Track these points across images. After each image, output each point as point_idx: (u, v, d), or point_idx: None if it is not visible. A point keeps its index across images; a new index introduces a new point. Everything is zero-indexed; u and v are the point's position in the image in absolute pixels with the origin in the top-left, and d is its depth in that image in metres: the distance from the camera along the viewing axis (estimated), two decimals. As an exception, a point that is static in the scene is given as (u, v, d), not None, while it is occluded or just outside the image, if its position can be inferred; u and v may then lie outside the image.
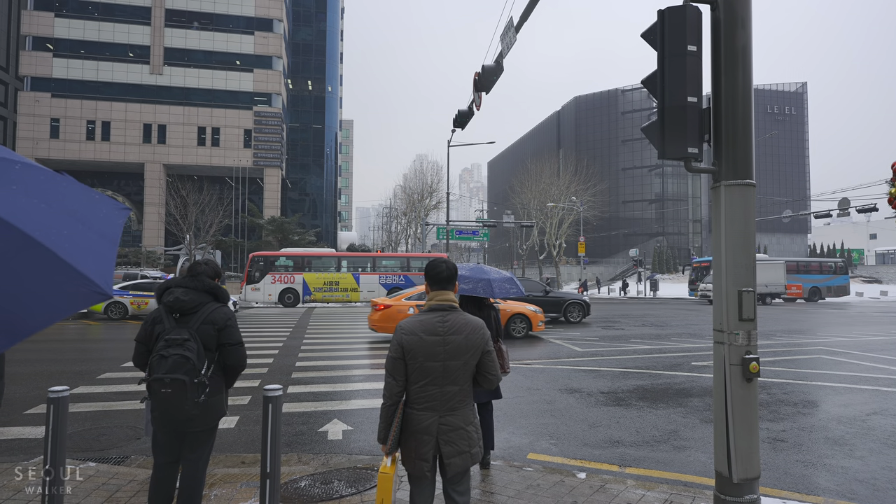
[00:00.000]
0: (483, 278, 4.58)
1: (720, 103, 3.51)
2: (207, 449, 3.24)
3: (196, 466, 3.17)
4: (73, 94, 51.26)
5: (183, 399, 2.88)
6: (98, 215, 1.45)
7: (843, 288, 37.18)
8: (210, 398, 3.05)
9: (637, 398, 7.39)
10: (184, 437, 3.13)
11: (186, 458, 3.16)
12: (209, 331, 3.05)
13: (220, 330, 3.10)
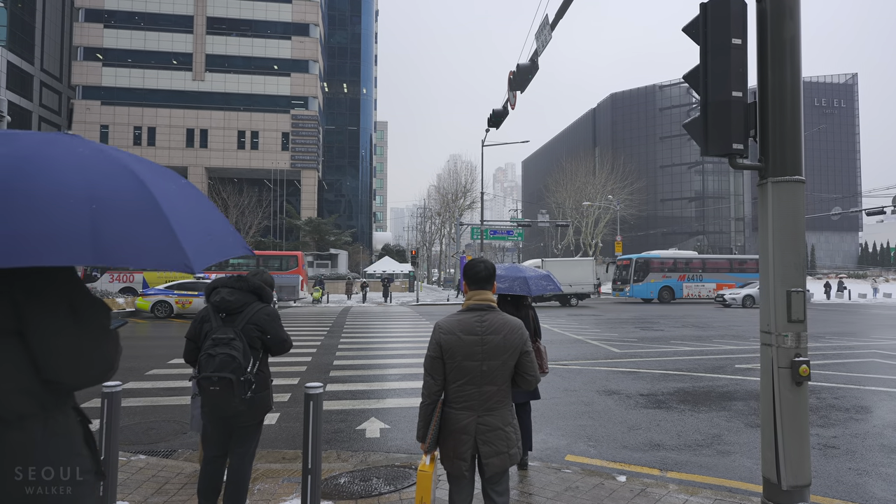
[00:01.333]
0: (519, 276, 4.55)
1: (767, 98, 3.39)
2: (254, 443, 3.35)
3: (243, 460, 3.28)
4: (121, 102, 53.41)
5: (230, 396, 2.99)
6: (220, 225, 1.55)
7: None
8: (256, 394, 3.16)
9: (678, 401, 7.22)
10: (231, 431, 3.23)
11: (234, 452, 3.28)
12: (253, 330, 3.16)
13: (263, 330, 3.20)
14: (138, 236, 1.26)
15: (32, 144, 1.31)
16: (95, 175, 1.29)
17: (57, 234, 1.16)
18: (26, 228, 1.14)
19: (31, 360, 1.36)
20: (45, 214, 1.17)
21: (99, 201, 1.22)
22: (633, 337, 14.41)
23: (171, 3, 55.01)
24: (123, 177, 1.33)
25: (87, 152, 1.36)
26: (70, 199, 1.20)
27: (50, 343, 1.36)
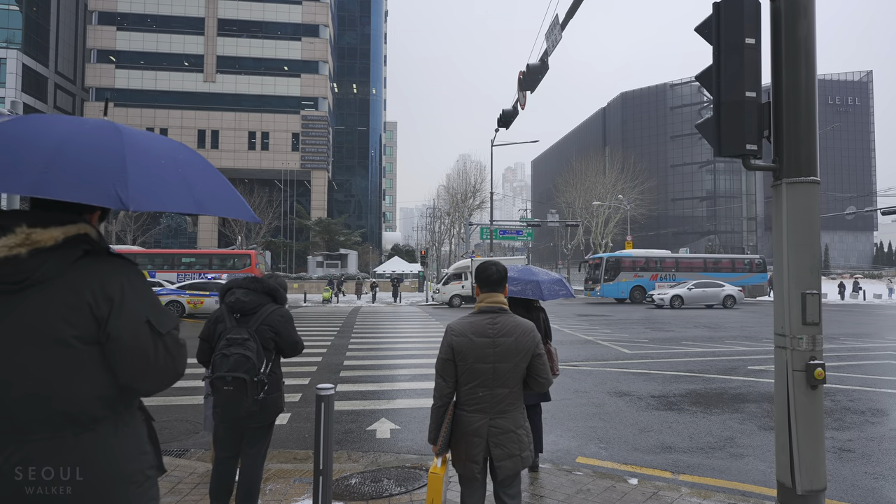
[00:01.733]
0: (532, 280, 4.54)
1: (781, 97, 3.35)
2: (265, 444, 3.37)
3: (255, 460, 3.30)
4: (133, 104, 53.97)
5: (243, 396, 3.02)
6: (208, 185, 1.59)
7: (760, 288, 33.44)
8: (268, 395, 3.19)
9: (690, 403, 7.16)
10: (243, 432, 3.25)
11: (246, 453, 3.30)
12: (267, 331, 3.18)
13: (277, 333, 3.22)
14: (88, 165, 1.33)
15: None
16: (77, 128, 1.41)
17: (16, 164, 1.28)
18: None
19: (107, 367, 1.49)
20: (12, 152, 1.30)
21: (66, 145, 1.34)
22: (643, 338, 14.32)
23: (182, 5, 55.50)
24: (105, 130, 1.43)
25: (95, 122, 1.48)
26: (39, 141, 1.32)
27: (129, 356, 1.49)
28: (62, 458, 1.43)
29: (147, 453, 1.61)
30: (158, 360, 1.53)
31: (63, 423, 1.44)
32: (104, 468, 1.48)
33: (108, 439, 1.49)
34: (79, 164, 1.31)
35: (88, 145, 1.36)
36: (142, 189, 1.33)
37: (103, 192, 1.28)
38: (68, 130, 1.38)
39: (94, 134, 1.40)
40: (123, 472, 1.51)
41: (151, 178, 1.38)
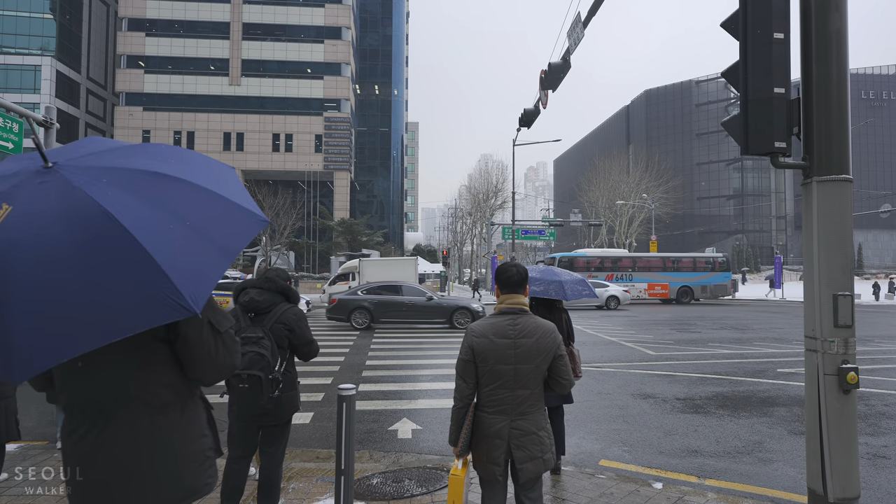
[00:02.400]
0: (554, 280, 4.50)
1: (811, 93, 3.26)
2: (283, 442, 3.41)
3: (273, 458, 3.35)
4: (161, 108, 55.21)
5: (258, 394, 3.07)
6: (230, 229, 1.62)
7: (721, 287, 31.86)
8: (283, 393, 3.22)
9: (716, 406, 7.02)
10: (258, 431, 3.31)
11: (264, 452, 3.35)
12: (281, 330, 3.23)
13: (290, 330, 3.26)
14: (133, 297, 1.38)
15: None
16: (87, 238, 1.40)
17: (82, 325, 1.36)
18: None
19: (175, 360, 1.74)
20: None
21: (90, 273, 1.37)
22: (668, 339, 14.10)
23: (208, 10, 56.56)
24: (104, 231, 1.40)
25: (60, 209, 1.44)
26: (72, 286, 1.36)
27: (195, 352, 1.73)
28: (139, 435, 1.67)
29: (207, 436, 1.86)
30: (218, 355, 1.76)
31: (139, 406, 1.69)
32: (173, 446, 1.73)
33: (175, 421, 1.74)
34: (126, 294, 1.37)
35: (113, 264, 1.38)
36: (191, 281, 1.41)
37: (168, 309, 1.37)
38: (85, 259, 1.38)
39: (107, 244, 1.39)
40: (188, 451, 1.76)
41: (184, 259, 1.43)
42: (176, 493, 1.73)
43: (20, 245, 1.37)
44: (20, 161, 1.62)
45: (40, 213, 1.42)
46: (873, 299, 34.84)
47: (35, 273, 1.35)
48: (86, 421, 1.68)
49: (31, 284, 1.34)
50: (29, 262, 1.35)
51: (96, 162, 1.58)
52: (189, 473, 1.76)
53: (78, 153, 1.63)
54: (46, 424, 6.02)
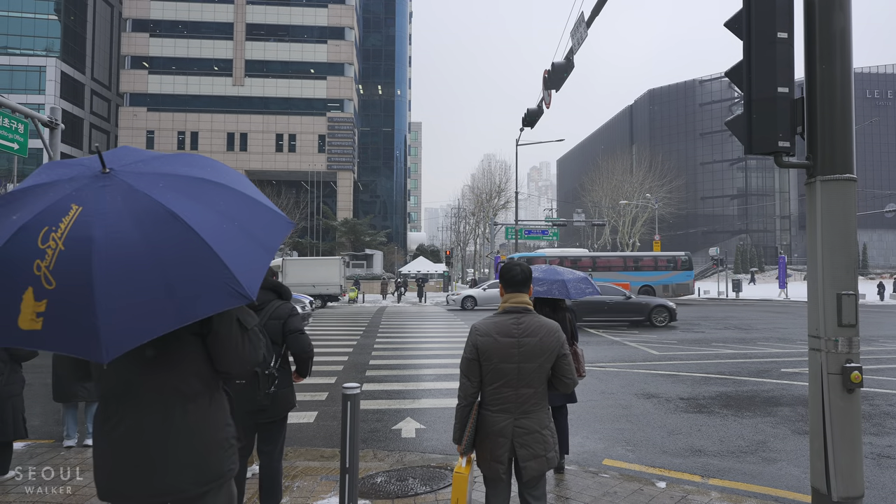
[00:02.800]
0: (557, 279, 4.51)
1: (815, 93, 3.26)
2: (281, 440, 3.45)
3: (272, 456, 3.39)
4: (165, 108, 55.39)
5: (255, 389, 3.11)
6: (267, 230, 1.81)
7: (684, 287, 31.34)
8: (279, 390, 3.26)
9: (720, 405, 7.01)
10: (255, 428, 3.33)
11: (263, 451, 3.39)
12: (275, 325, 3.27)
13: (284, 323, 3.30)
14: (202, 285, 1.57)
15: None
16: (157, 235, 1.58)
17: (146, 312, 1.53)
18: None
19: (205, 354, 1.90)
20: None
21: (164, 264, 1.55)
22: (672, 339, 14.08)
23: (212, 11, 56.72)
24: (172, 227, 1.59)
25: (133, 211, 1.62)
26: (146, 275, 1.54)
27: (225, 346, 1.89)
28: (173, 422, 1.83)
29: (230, 425, 2.02)
30: (244, 350, 1.93)
31: (173, 395, 1.85)
32: (202, 433, 1.88)
33: (204, 410, 1.90)
34: (195, 284, 1.55)
35: (182, 258, 1.56)
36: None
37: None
38: (157, 254, 1.55)
39: (175, 241, 1.56)
40: (215, 438, 1.92)
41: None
42: (204, 477, 1.87)
43: (97, 242, 1.52)
44: (72, 167, 1.77)
45: (110, 213, 1.58)
46: (878, 299, 34.68)
47: (113, 266, 1.50)
48: (121, 409, 1.82)
49: (111, 276, 1.49)
50: (106, 256, 1.50)
51: (146, 168, 1.77)
52: (216, 459, 1.91)
53: (125, 160, 1.80)
54: (52, 423, 6.06)
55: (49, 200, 1.60)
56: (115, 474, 1.81)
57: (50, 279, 1.48)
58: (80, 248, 1.50)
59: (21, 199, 1.66)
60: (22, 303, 1.48)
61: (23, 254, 1.51)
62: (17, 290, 1.48)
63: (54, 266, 1.49)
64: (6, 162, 46.98)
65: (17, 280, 1.49)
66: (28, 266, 1.49)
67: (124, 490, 1.81)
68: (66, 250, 1.51)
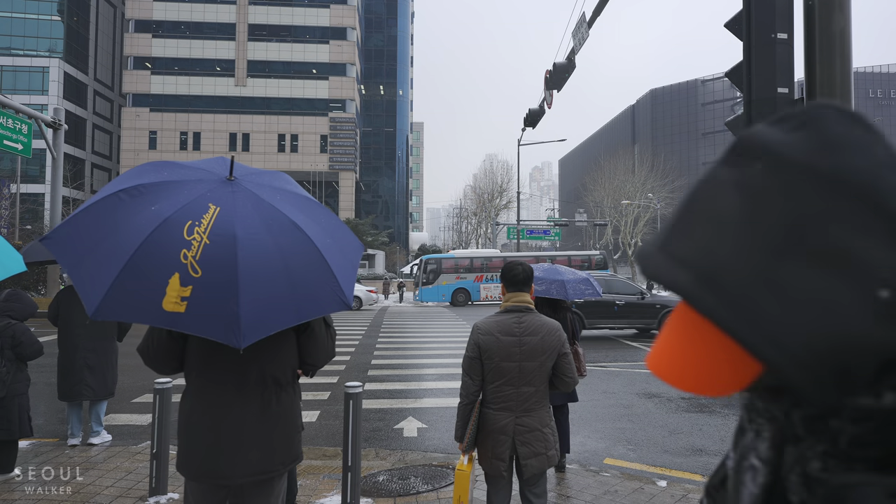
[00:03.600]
0: (557, 279, 4.53)
1: (815, 94, 3.28)
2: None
3: None
4: (168, 108, 55.49)
5: None
6: (350, 248, 2.13)
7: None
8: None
9: (721, 405, 7.03)
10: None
11: None
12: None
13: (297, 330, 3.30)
14: (318, 290, 1.83)
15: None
16: (285, 241, 1.82)
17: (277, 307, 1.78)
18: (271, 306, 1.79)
19: (296, 347, 2.14)
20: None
21: (290, 268, 1.78)
22: (674, 339, 14.03)
23: (214, 12, 56.80)
24: (297, 237, 1.85)
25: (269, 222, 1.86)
26: (279, 275, 1.77)
27: (317, 342, 2.17)
28: (269, 408, 2.03)
29: (301, 412, 2.28)
30: (329, 345, 2.23)
31: (272, 384, 2.05)
32: (290, 418, 2.12)
33: (291, 397, 2.14)
34: (312, 288, 1.80)
35: (304, 264, 1.82)
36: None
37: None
38: (285, 258, 1.81)
39: (299, 248, 1.82)
40: (296, 423, 2.17)
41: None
42: (288, 457, 2.11)
43: (239, 240, 1.71)
44: (191, 169, 1.97)
45: (245, 216, 1.77)
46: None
47: (252, 263, 1.69)
48: (223, 396, 2.00)
49: (250, 272, 1.68)
50: (248, 254, 1.70)
51: (260, 181, 2.01)
52: (297, 442, 2.16)
53: (242, 171, 2.02)
54: (57, 422, 6.10)
55: (187, 197, 1.78)
56: (215, 455, 1.98)
57: (196, 268, 1.66)
58: (225, 244, 1.69)
59: (155, 192, 1.82)
60: (168, 286, 1.64)
61: (170, 242, 1.67)
62: (165, 275, 1.64)
63: (200, 257, 1.67)
64: (10, 162, 47.14)
65: (166, 265, 1.65)
66: (175, 254, 1.66)
67: (225, 469, 1.97)
68: (210, 244, 1.69)
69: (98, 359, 5.02)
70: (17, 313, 4.31)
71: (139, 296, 1.64)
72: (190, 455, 2.01)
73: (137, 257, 1.63)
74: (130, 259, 1.62)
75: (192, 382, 2.07)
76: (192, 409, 2.03)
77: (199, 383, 2.05)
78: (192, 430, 2.02)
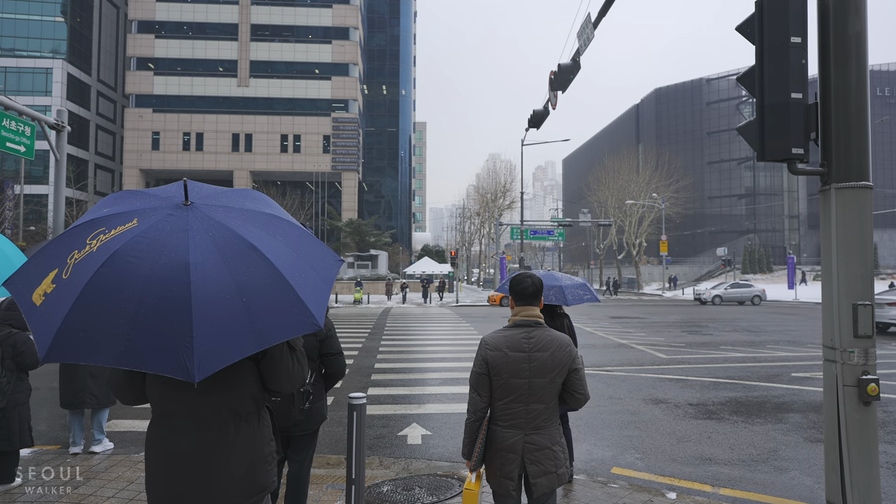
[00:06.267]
0: (554, 285, 4.45)
1: (829, 98, 3.20)
2: (311, 450, 3.44)
3: (301, 466, 3.39)
4: (170, 109, 55.52)
5: (290, 406, 3.09)
6: (323, 263, 1.96)
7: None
8: (313, 404, 3.24)
9: (730, 411, 6.94)
10: (288, 440, 3.30)
11: (293, 459, 3.37)
12: (311, 342, 3.21)
13: (321, 341, 3.26)
14: (279, 313, 1.69)
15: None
16: (239, 265, 1.70)
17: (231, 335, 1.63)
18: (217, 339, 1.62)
19: (257, 375, 2.03)
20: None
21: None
22: (680, 342, 13.98)
23: (217, 12, 56.81)
24: (252, 259, 1.73)
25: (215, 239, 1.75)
26: (230, 299, 1.64)
27: (277, 367, 2.02)
28: (226, 440, 1.95)
29: (273, 440, 2.15)
30: (293, 370, 2.07)
31: (229, 416, 1.97)
32: (251, 449, 2.01)
33: (254, 428, 2.03)
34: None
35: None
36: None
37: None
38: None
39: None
40: (262, 453, 2.05)
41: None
42: (252, 490, 2.01)
43: (192, 267, 1.63)
44: (149, 197, 1.90)
45: (198, 242, 1.70)
46: (887, 300, 34.35)
47: (204, 292, 1.60)
48: (180, 427, 1.95)
49: (203, 302, 1.59)
50: (199, 283, 1.61)
51: (217, 202, 1.91)
52: (262, 472, 2.05)
53: (201, 194, 1.94)
54: (59, 429, 6.06)
55: (139, 229, 1.72)
56: (171, 488, 1.94)
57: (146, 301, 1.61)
58: (177, 274, 1.61)
59: (106, 224, 1.75)
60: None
61: (118, 276, 1.61)
62: (116, 311, 1.58)
63: (149, 290, 1.60)
64: (13, 164, 47.25)
65: (114, 301, 1.60)
66: (123, 294, 1.59)
67: (179, 501, 1.94)
68: (161, 276, 1.62)
69: (100, 367, 4.97)
70: (18, 322, 4.27)
71: (88, 335, 1.56)
72: (149, 486, 2.00)
73: (85, 295, 1.57)
74: (77, 298, 1.57)
75: (154, 412, 2.03)
76: (151, 439, 2.02)
77: (157, 414, 2.02)
78: (151, 461, 2.00)
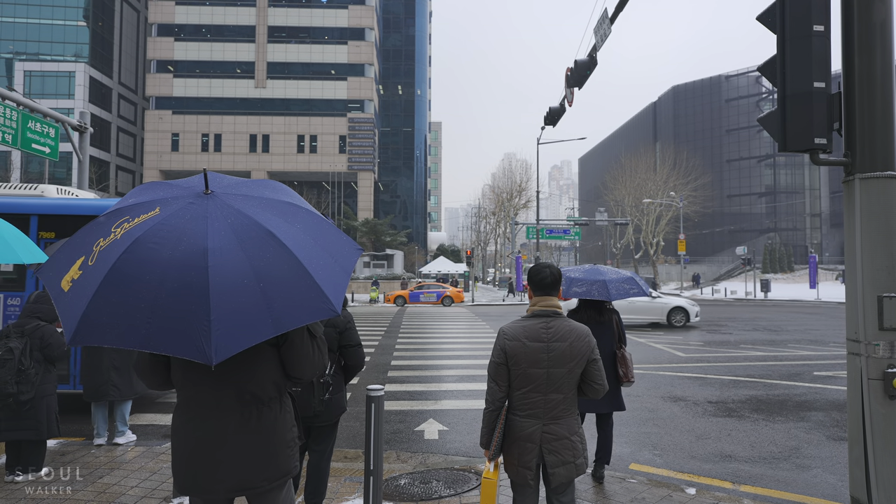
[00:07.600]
0: (598, 280, 4.32)
1: (853, 87, 3.15)
2: (331, 441, 3.50)
3: (321, 456, 3.44)
4: (189, 111, 56.33)
5: (310, 397, 3.13)
6: (342, 252, 1.99)
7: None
8: (333, 395, 3.29)
9: (750, 409, 6.84)
10: (308, 431, 3.35)
11: (313, 450, 3.43)
12: (331, 333, 3.25)
13: (340, 333, 3.30)
14: (296, 299, 1.72)
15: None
16: (256, 251, 1.74)
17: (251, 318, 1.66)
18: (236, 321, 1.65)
19: (279, 361, 2.08)
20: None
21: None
22: (698, 340, 13.82)
23: (234, 14, 57.49)
24: (270, 245, 1.76)
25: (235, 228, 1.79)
26: (247, 285, 1.67)
27: (298, 354, 2.08)
28: (249, 425, 2.01)
29: (295, 426, 2.20)
30: (314, 356, 2.13)
31: (251, 400, 2.03)
32: (274, 434, 2.06)
33: (276, 413, 2.09)
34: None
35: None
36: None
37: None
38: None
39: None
40: (284, 438, 2.10)
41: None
42: (275, 473, 2.07)
43: (210, 252, 1.67)
44: (171, 188, 1.97)
45: (217, 228, 1.75)
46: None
47: (222, 277, 1.65)
48: (203, 411, 2.00)
49: (220, 286, 1.63)
50: (217, 267, 1.65)
51: (238, 191, 1.96)
52: (284, 457, 2.10)
53: (221, 184, 2.00)
54: (83, 422, 6.19)
55: (160, 217, 1.78)
56: (195, 470, 2.00)
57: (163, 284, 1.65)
58: (195, 258, 1.66)
59: (130, 213, 1.83)
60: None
61: (140, 261, 1.67)
62: (139, 295, 1.63)
63: (168, 274, 1.65)
64: (38, 165, 48.33)
65: (137, 286, 1.65)
66: (147, 274, 1.65)
67: (204, 484, 2.00)
68: (180, 260, 1.66)
69: (123, 359, 5.07)
70: (45, 315, 4.37)
71: (111, 319, 1.61)
72: (175, 468, 2.05)
73: (108, 281, 1.63)
74: (101, 284, 1.62)
75: (179, 397, 2.08)
76: (176, 424, 2.07)
77: (182, 398, 2.07)
78: (176, 444, 2.05)
